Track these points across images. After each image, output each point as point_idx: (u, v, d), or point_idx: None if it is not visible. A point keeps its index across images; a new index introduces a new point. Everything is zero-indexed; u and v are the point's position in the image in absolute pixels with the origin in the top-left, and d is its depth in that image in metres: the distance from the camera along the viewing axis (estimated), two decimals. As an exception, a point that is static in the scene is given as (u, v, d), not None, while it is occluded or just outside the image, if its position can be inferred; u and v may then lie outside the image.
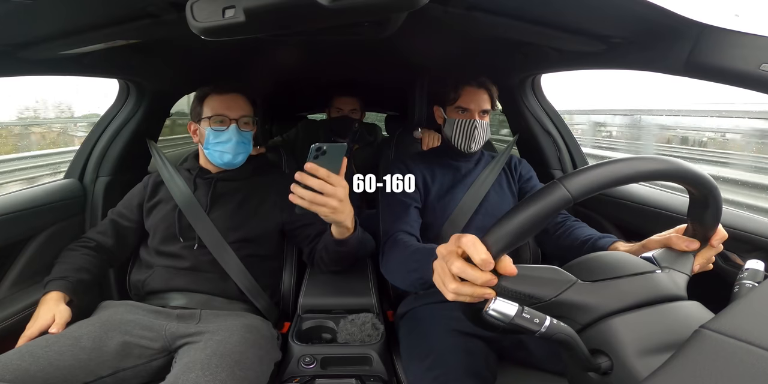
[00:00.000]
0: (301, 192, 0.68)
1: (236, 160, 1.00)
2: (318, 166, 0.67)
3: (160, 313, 0.91)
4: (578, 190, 0.41)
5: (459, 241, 0.44)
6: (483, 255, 0.41)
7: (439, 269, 0.47)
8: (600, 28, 0.74)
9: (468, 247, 0.42)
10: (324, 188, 0.68)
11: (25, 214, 0.98)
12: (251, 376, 0.75)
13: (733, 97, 3.73)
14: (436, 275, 0.48)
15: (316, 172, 0.67)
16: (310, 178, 0.67)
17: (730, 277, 0.54)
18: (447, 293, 0.46)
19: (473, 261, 0.42)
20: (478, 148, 1.04)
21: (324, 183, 0.68)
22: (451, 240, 0.47)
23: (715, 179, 0.47)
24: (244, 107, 1.00)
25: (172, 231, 0.98)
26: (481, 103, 1.01)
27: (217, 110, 0.98)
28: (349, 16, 0.47)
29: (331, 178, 0.68)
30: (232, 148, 0.98)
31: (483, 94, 1.02)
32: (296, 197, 0.69)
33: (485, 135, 1.03)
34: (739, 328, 0.34)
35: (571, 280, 0.47)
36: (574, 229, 0.95)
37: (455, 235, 0.47)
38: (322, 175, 0.67)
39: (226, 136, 0.97)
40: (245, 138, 1.00)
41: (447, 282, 0.45)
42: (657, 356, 0.39)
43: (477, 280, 0.42)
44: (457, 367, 0.76)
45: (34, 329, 0.80)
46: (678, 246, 0.54)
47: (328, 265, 0.99)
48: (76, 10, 0.65)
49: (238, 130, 0.98)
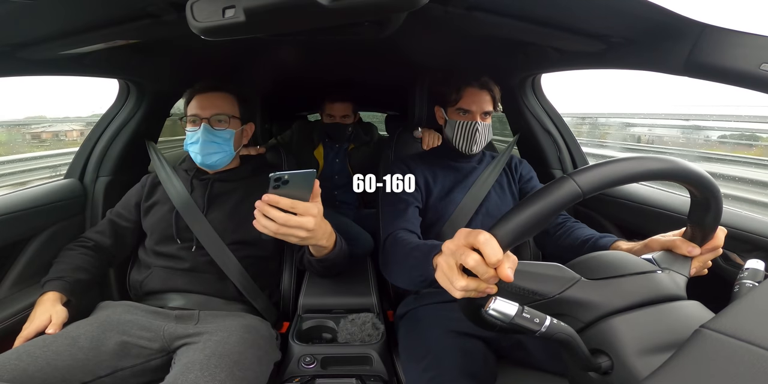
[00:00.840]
0: (264, 222, 0.63)
1: (209, 160, 0.97)
2: (279, 198, 0.61)
3: (159, 314, 0.90)
4: (589, 185, 0.41)
5: (474, 238, 0.43)
6: (499, 255, 0.41)
7: (444, 265, 0.47)
8: (600, 27, 0.74)
9: (483, 244, 0.41)
10: (288, 221, 0.62)
11: (26, 214, 0.98)
12: (250, 376, 0.75)
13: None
14: (440, 272, 0.48)
15: (277, 204, 0.61)
16: (271, 209, 0.62)
17: (730, 277, 0.55)
18: (453, 291, 0.46)
19: (485, 258, 0.41)
20: (479, 150, 1.04)
21: (288, 215, 0.62)
22: (459, 235, 0.46)
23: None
24: (219, 105, 0.98)
25: (169, 232, 0.98)
26: (483, 105, 1.00)
27: (191, 110, 0.98)
28: (349, 16, 0.47)
29: (297, 208, 0.63)
30: (200, 148, 0.95)
31: (485, 95, 1.00)
32: (260, 226, 0.63)
33: (487, 137, 1.03)
34: (740, 328, 0.34)
35: (574, 278, 0.47)
36: (575, 229, 0.95)
37: (463, 229, 0.46)
38: (285, 206, 0.62)
39: (196, 137, 0.96)
40: (218, 137, 0.97)
41: (455, 278, 0.45)
42: (657, 356, 0.39)
43: (485, 275, 0.42)
44: (453, 368, 0.76)
45: (31, 330, 0.79)
46: (681, 250, 0.55)
47: (319, 274, 0.99)
48: (76, 10, 0.64)
49: (207, 130, 0.96)
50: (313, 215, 0.65)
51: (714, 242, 0.55)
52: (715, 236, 0.55)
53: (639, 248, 0.66)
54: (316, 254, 0.85)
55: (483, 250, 0.41)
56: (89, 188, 1.19)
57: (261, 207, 0.62)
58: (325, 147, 1.80)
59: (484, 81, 1.00)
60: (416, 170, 1.03)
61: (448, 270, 0.46)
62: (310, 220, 0.64)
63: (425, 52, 1.23)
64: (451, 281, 0.45)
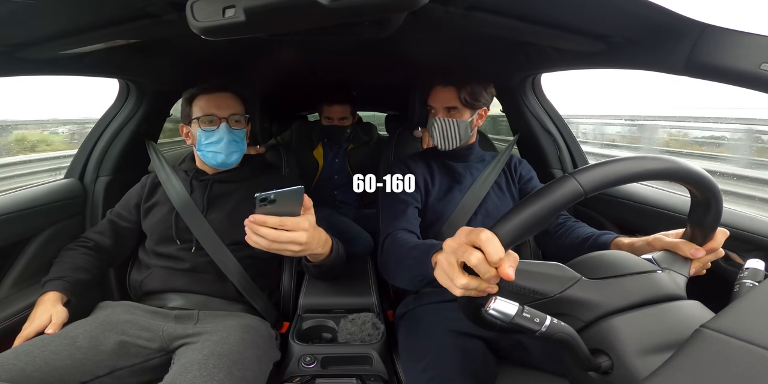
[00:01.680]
0: (255, 239, 0.63)
1: (230, 159, 0.99)
2: (266, 217, 0.61)
3: (158, 314, 0.90)
4: (590, 184, 0.41)
5: (476, 236, 0.42)
6: (501, 254, 0.41)
7: (445, 263, 0.46)
8: (600, 27, 0.74)
9: (485, 242, 0.41)
10: (279, 237, 0.62)
11: (26, 213, 0.98)
12: (249, 376, 0.75)
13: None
14: (439, 269, 0.47)
15: (264, 224, 0.62)
16: (260, 227, 0.62)
17: (731, 277, 0.54)
18: (454, 289, 0.45)
19: (487, 257, 0.41)
20: (451, 147, 1.02)
21: (279, 232, 0.62)
22: (460, 234, 0.46)
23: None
24: (233, 105, 0.99)
25: (169, 233, 0.98)
26: (446, 101, 0.99)
27: (205, 110, 0.97)
28: (349, 16, 0.47)
29: (286, 225, 0.63)
30: (224, 147, 0.97)
31: (450, 91, 0.98)
32: (252, 242, 0.64)
33: (453, 133, 1.00)
34: (740, 328, 0.34)
35: (575, 277, 0.47)
36: (575, 228, 0.95)
37: (464, 228, 0.46)
38: (273, 225, 0.62)
39: (217, 136, 0.97)
40: (237, 136, 0.99)
41: (455, 276, 0.44)
42: (657, 355, 0.39)
43: (486, 274, 0.42)
44: (452, 368, 0.76)
45: (31, 330, 0.79)
46: (683, 252, 0.55)
47: (317, 277, 0.99)
48: (76, 9, 0.64)
49: (228, 129, 0.97)
50: (304, 229, 0.65)
51: (713, 244, 0.56)
52: (714, 238, 0.55)
53: (641, 245, 0.66)
54: (313, 260, 0.85)
55: (485, 248, 0.41)
56: (89, 188, 1.19)
57: (250, 226, 0.62)
58: (325, 147, 1.79)
59: (451, 78, 0.98)
60: (416, 170, 1.03)
61: (449, 268, 0.46)
62: (301, 235, 0.64)
63: (425, 52, 1.23)
64: (452, 279, 0.45)
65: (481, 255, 0.42)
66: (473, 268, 0.43)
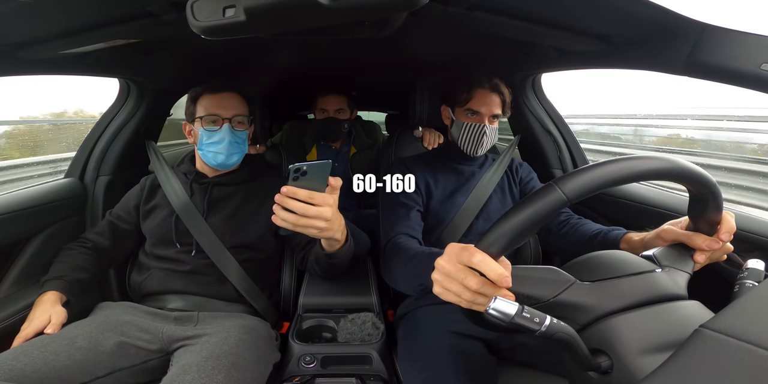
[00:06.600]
0: (283, 215, 0.64)
1: (230, 160, 0.99)
2: (297, 189, 0.62)
3: (158, 315, 0.90)
4: (573, 192, 0.41)
5: (468, 259, 0.43)
6: (499, 270, 0.42)
7: (454, 288, 0.46)
8: (601, 27, 0.74)
9: (479, 265, 0.42)
10: (307, 211, 0.63)
11: (26, 213, 0.98)
12: (248, 378, 0.75)
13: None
14: (440, 288, 0.48)
15: (295, 195, 0.62)
16: (290, 201, 0.63)
17: (731, 277, 0.54)
18: (463, 303, 0.46)
19: (489, 277, 0.42)
20: (483, 153, 1.03)
21: (306, 205, 0.63)
22: (450, 253, 0.47)
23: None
24: (237, 106, 0.99)
25: (169, 237, 0.97)
26: (493, 108, 0.98)
27: (209, 110, 0.97)
28: (350, 16, 0.47)
29: (314, 199, 0.63)
30: (225, 148, 0.96)
31: (496, 97, 0.98)
32: (279, 220, 0.64)
33: (493, 140, 1.01)
34: (739, 328, 0.34)
35: (569, 281, 0.47)
36: (580, 225, 0.94)
37: (455, 246, 0.47)
38: (302, 197, 0.63)
39: (219, 136, 0.96)
40: (239, 138, 0.98)
41: (466, 296, 0.45)
42: (657, 355, 0.39)
43: (494, 294, 0.43)
44: (449, 369, 0.76)
45: (30, 330, 0.79)
46: (699, 246, 0.52)
47: (321, 275, 0.99)
48: (76, 9, 0.65)
49: (231, 130, 0.96)
50: (330, 205, 0.66)
51: (727, 226, 0.52)
52: (724, 220, 0.52)
53: (651, 238, 0.64)
54: (328, 249, 0.85)
55: (482, 270, 0.42)
56: (89, 188, 1.19)
57: (280, 199, 0.63)
58: (319, 150, 1.71)
59: (495, 83, 0.98)
60: (417, 172, 1.01)
61: (458, 289, 0.46)
62: (327, 210, 0.65)
63: (425, 52, 1.23)
64: (464, 299, 0.46)
65: (480, 279, 0.43)
66: (477, 292, 0.44)
